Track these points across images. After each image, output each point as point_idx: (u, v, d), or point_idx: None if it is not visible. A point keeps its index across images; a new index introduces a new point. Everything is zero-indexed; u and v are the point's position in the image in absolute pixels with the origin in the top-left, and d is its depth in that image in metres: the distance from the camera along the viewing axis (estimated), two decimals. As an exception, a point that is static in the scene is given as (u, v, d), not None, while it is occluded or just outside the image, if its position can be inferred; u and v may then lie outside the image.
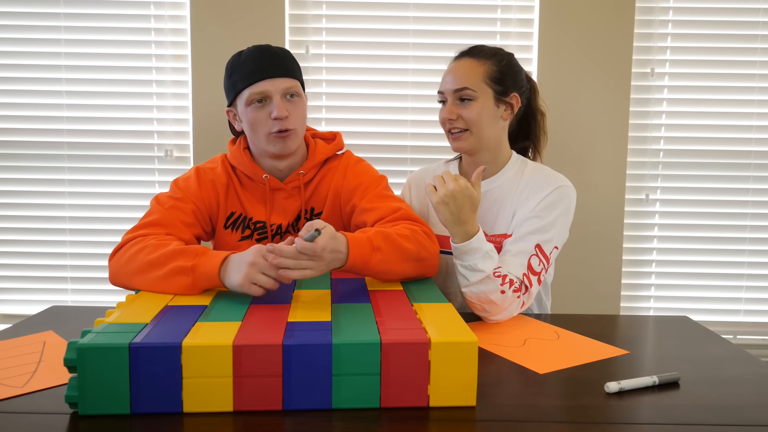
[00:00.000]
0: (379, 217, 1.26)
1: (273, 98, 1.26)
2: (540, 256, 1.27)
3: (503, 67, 1.36)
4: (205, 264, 1.04)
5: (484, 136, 1.36)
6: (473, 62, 1.36)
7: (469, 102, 1.34)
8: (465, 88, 1.33)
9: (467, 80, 1.34)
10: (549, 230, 1.29)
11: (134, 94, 2.01)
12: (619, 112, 2.01)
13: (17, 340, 1.06)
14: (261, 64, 1.26)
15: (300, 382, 0.79)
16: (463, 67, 1.36)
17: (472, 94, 1.33)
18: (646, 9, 2.01)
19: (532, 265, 1.25)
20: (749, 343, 2.12)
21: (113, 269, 1.14)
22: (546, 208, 1.31)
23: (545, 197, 1.32)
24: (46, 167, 2.03)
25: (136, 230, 1.20)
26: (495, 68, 1.35)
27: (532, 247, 1.27)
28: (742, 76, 2.04)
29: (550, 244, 1.28)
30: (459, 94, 1.34)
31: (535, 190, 1.34)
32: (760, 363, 1.01)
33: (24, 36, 1.99)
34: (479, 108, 1.34)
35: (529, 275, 1.24)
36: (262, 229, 1.34)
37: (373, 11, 2.00)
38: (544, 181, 1.35)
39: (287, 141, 1.28)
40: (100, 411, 0.78)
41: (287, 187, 1.34)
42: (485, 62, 1.36)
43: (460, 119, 1.35)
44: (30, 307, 2.07)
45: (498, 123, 1.38)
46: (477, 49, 1.39)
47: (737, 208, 2.08)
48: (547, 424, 0.78)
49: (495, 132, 1.37)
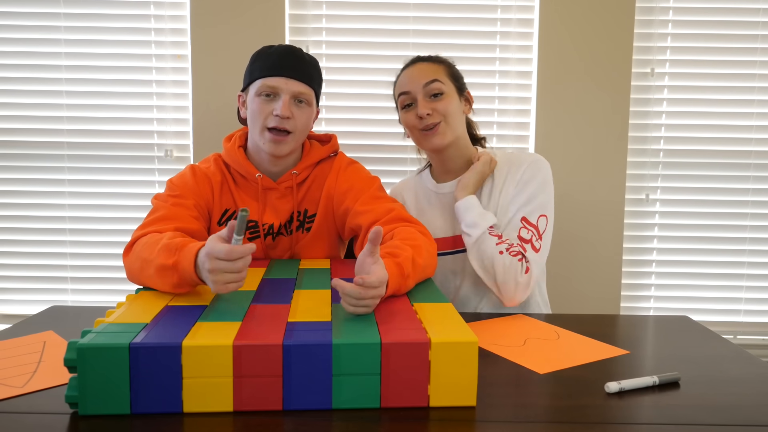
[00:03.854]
0: (374, 219, 1.26)
1: (282, 96, 1.26)
2: (528, 226, 1.33)
3: (454, 68, 1.44)
4: (183, 262, 0.98)
5: (457, 130, 1.39)
6: (431, 64, 1.41)
7: (440, 95, 1.36)
8: (435, 80, 1.36)
9: (435, 75, 1.37)
10: (531, 202, 1.35)
11: (134, 94, 2.01)
12: (619, 112, 2.01)
13: (17, 340, 1.06)
14: (283, 62, 1.27)
15: (300, 382, 0.79)
16: (425, 67, 1.39)
17: (442, 87, 1.36)
18: (646, 9, 2.01)
19: (521, 236, 1.33)
20: (749, 343, 2.12)
21: (126, 268, 1.14)
22: (525, 183, 1.37)
23: (522, 175, 1.37)
24: (46, 167, 2.03)
25: (145, 227, 1.19)
26: (449, 68, 1.42)
27: (518, 221, 1.34)
28: (742, 76, 2.04)
29: (535, 214, 1.34)
30: (429, 88, 1.36)
31: (511, 171, 1.40)
32: (760, 363, 1.01)
33: (24, 36, 1.99)
34: (450, 100, 1.37)
35: (522, 245, 1.32)
36: (254, 228, 1.34)
37: (372, 11, 2.00)
38: (516, 162, 1.41)
39: (281, 145, 1.27)
40: (100, 411, 0.77)
41: (280, 187, 1.34)
42: (440, 64, 1.41)
43: (435, 113, 1.36)
44: (30, 307, 2.07)
45: (463, 118, 1.43)
46: (426, 57, 1.44)
47: (737, 208, 2.08)
48: (547, 424, 0.78)
49: (462, 127, 1.43)
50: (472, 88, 1.38)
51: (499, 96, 2.03)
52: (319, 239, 1.37)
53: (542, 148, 2.00)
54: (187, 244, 1.01)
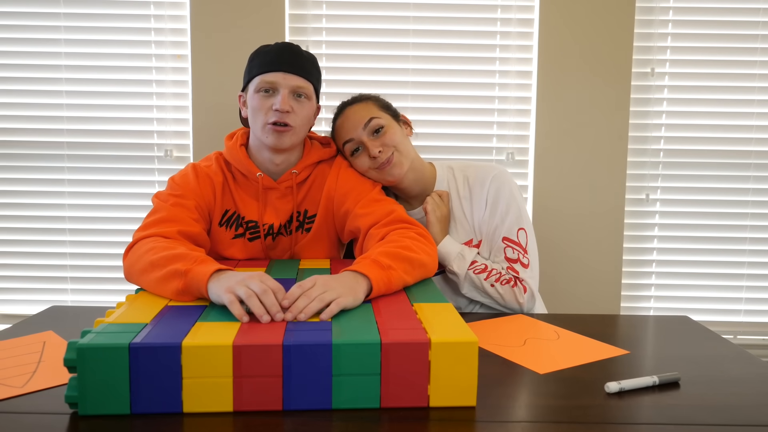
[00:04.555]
0: (374, 221, 1.27)
1: (280, 91, 1.26)
2: (510, 244, 1.37)
3: (381, 100, 1.45)
4: (199, 269, 0.99)
5: (410, 154, 1.41)
6: (360, 105, 1.42)
7: (382, 130, 1.38)
8: (372, 118, 1.37)
9: (369, 113, 1.39)
10: (504, 220, 1.38)
11: (134, 94, 2.01)
12: (619, 112, 2.01)
13: (17, 340, 1.06)
14: (280, 57, 1.27)
15: (300, 382, 0.79)
16: (357, 109, 1.41)
17: (380, 121, 1.38)
18: (646, 9, 2.01)
19: (508, 257, 1.38)
20: (749, 343, 2.12)
21: (126, 267, 1.14)
22: (493, 204, 1.40)
23: (486, 195, 1.41)
24: (46, 167, 2.03)
25: (146, 228, 1.18)
26: (377, 101, 1.43)
27: (500, 242, 1.39)
28: (742, 75, 2.04)
29: (513, 230, 1.38)
30: (370, 126, 1.37)
31: (474, 191, 1.43)
32: (760, 363, 1.01)
33: (24, 36, 1.99)
34: (393, 131, 1.39)
35: (511, 266, 1.37)
36: (255, 228, 1.34)
37: (373, 11, 2.00)
38: (478, 179, 1.43)
39: (283, 136, 1.27)
40: (100, 411, 0.78)
41: (280, 186, 1.34)
42: (367, 102, 1.42)
43: (385, 148, 1.37)
44: (30, 307, 2.07)
45: (409, 142, 1.44)
46: (350, 100, 1.44)
47: (737, 208, 2.08)
48: (547, 424, 0.78)
49: (413, 151, 1.44)
50: (473, 88, 1.38)
51: (499, 96, 2.03)
52: (319, 240, 1.37)
53: (542, 148, 2.00)
54: (208, 259, 1.04)
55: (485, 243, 1.42)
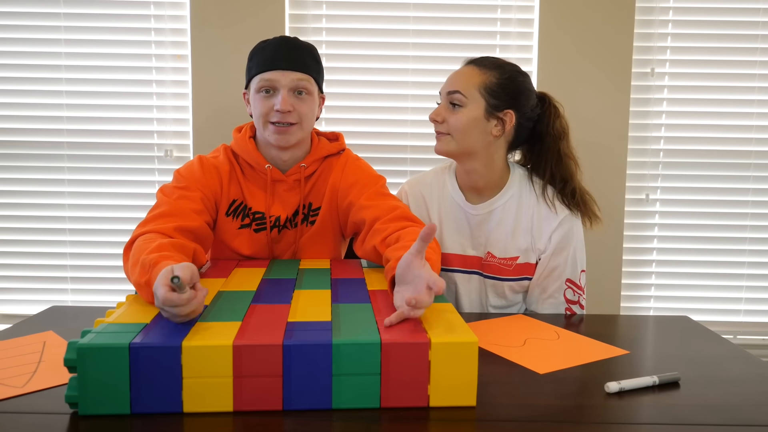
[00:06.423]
0: (377, 215, 1.26)
1: (280, 91, 1.26)
2: (572, 287, 1.35)
3: (504, 80, 1.30)
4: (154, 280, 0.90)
5: (467, 145, 1.31)
6: (474, 69, 1.32)
7: (458, 108, 1.30)
8: (456, 92, 1.30)
9: (461, 85, 1.30)
10: (569, 263, 1.35)
11: (134, 94, 2.01)
12: (619, 112, 2.01)
13: (17, 340, 1.06)
14: (277, 54, 1.27)
15: (300, 382, 0.79)
16: (463, 73, 1.33)
17: (463, 100, 1.29)
18: (646, 9, 2.01)
19: (568, 298, 1.36)
20: (749, 343, 2.12)
21: (125, 267, 1.13)
22: (559, 244, 1.34)
23: (554, 232, 1.34)
24: (46, 167, 2.03)
25: (145, 224, 1.18)
26: (494, 80, 1.30)
27: (562, 284, 1.35)
28: (742, 75, 2.04)
29: (576, 273, 1.36)
30: (450, 97, 1.31)
31: (541, 219, 1.35)
32: (760, 363, 1.01)
33: (24, 36, 1.99)
34: (466, 116, 1.29)
35: (569, 307, 1.36)
36: (261, 219, 1.34)
37: (373, 11, 2.00)
38: (547, 210, 1.34)
39: (286, 135, 1.28)
40: (100, 411, 0.77)
41: (288, 179, 1.34)
42: (486, 72, 1.31)
43: (445, 123, 1.31)
44: (30, 307, 2.07)
45: (485, 137, 1.31)
46: (483, 59, 1.35)
47: (737, 208, 2.08)
48: (547, 424, 0.78)
49: (481, 144, 1.31)
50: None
51: (499, 96, 2.03)
52: (323, 234, 1.37)
53: (542, 148, 2.00)
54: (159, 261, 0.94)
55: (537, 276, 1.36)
